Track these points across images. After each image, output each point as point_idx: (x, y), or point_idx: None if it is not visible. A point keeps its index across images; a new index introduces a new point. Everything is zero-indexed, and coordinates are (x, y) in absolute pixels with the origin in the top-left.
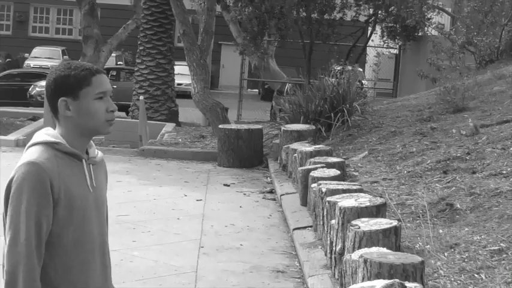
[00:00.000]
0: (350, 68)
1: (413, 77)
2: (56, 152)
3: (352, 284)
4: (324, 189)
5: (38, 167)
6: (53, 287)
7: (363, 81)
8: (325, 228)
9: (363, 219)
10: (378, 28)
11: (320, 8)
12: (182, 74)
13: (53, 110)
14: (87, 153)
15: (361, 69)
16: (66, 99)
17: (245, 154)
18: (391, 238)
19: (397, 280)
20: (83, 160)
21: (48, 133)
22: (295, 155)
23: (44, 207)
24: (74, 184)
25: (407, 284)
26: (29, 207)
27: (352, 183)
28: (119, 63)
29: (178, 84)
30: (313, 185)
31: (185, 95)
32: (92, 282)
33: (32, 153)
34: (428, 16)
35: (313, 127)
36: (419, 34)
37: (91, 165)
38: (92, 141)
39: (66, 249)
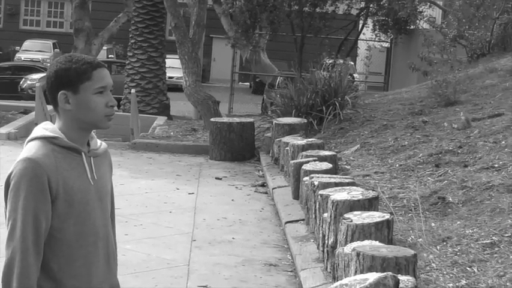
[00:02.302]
0: (341, 61)
1: (405, 71)
2: (54, 147)
3: (345, 277)
4: (316, 183)
5: (34, 163)
6: (56, 281)
7: (354, 75)
8: (318, 221)
9: (356, 212)
10: (369, 21)
11: (312, 1)
12: (173, 67)
13: (52, 102)
14: (88, 145)
15: (352, 63)
16: (66, 92)
17: (237, 147)
18: (383, 231)
19: (389, 273)
20: (83, 153)
21: (47, 127)
22: (287, 148)
23: (42, 202)
24: (73, 178)
25: (400, 277)
26: (26, 203)
27: (344, 176)
28: (110, 56)
29: (170, 77)
30: (305, 178)
31: (176, 88)
32: (95, 274)
33: (29, 149)
34: (420, 9)
35: (305, 120)
36: (411, 27)
37: (92, 158)
38: (93, 133)
39: (68, 243)
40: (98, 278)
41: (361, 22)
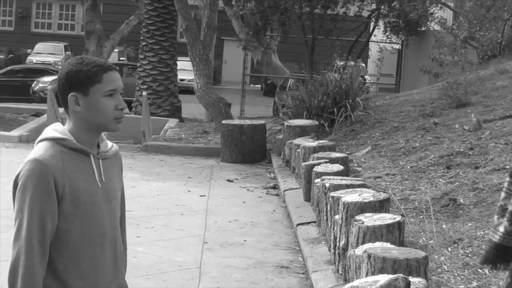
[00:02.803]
0: (352, 63)
1: (416, 72)
2: (62, 148)
3: (356, 279)
4: (327, 185)
5: (41, 164)
6: (61, 281)
7: (365, 77)
8: (329, 223)
9: (367, 214)
10: (380, 23)
11: (323, 3)
12: (185, 69)
13: (63, 104)
14: (98, 147)
15: (363, 65)
16: (76, 94)
17: (248, 149)
18: (394, 233)
19: (401, 275)
20: (91, 155)
21: (56, 129)
22: (298, 150)
23: (48, 204)
24: (79, 180)
25: (411, 278)
26: (32, 204)
27: (355, 178)
28: (121, 58)
29: (181, 79)
30: (317, 180)
31: (188, 90)
32: (101, 275)
33: (37, 150)
34: (431, 11)
35: (316, 122)
36: (422, 29)
37: (100, 160)
38: (103, 135)
39: (74, 244)
40: (104, 279)
41: (372, 24)
